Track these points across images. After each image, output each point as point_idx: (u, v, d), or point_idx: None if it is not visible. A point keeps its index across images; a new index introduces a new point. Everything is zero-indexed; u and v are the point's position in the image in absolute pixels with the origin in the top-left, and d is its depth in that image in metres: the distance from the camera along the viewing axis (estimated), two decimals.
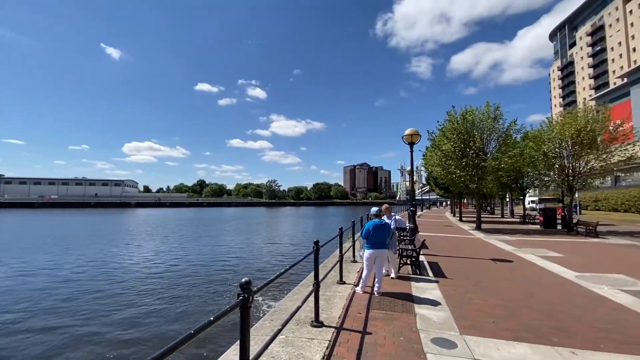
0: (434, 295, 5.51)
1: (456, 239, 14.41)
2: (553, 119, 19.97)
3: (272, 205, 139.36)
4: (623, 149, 17.11)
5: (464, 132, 17.46)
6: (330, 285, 6.05)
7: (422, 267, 7.81)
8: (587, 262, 8.78)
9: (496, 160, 16.87)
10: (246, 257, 17.70)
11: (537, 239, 14.33)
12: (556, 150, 18.13)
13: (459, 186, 19.01)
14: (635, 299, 5.41)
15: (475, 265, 8.44)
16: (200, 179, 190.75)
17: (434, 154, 19.40)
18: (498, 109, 17.41)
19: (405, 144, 10.22)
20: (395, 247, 6.88)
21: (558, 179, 18.61)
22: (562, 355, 3.39)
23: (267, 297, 9.71)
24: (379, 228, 5.45)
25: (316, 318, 4.14)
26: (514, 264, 8.61)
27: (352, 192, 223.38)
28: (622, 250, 11.02)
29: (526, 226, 21.18)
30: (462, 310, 4.82)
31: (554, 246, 11.83)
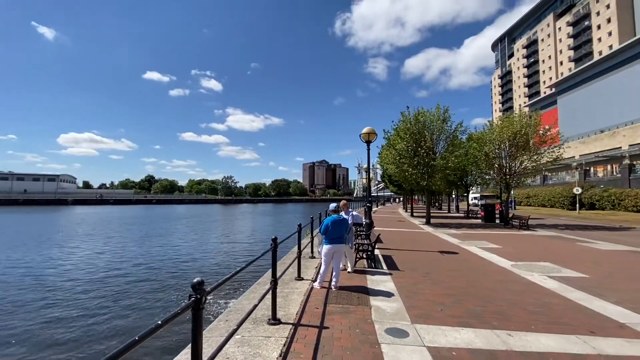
0: (388, 287, 5.74)
1: (408, 233, 15.17)
2: (494, 122, 21.85)
3: (228, 203, 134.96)
4: (550, 151, 19.29)
5: (416, 132, 18.39)
6: (288, 282, 6.01)
7: (377, 260, 8.09)
8: (520, 252, 9.77)
9: (444, 160, 18.04)
10: (200, 257, 16.89)
11: (479, 232, 15.63)
12: (496, 151, 19.88)
13: (411, 183, 20.01)
14: (560, 284, 6.12)
15: (425, 257, 8.95)
16: (148, 174, 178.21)
17: (389, 152, 20.18)
18: (447, 111, 18.60)
19: (363, 142, 10.48)
20: (352, 242, 7.03)
21: (497, 177, 20.44)
22: (500, 338, 3.72)
23: (223, 297, 9.39)
24: (337, 223, 5.53)
25: (273, 316, 4.08)
26: (459, 256, 9.28)
27: (311, 188, 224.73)
28: (549, 241, 12.44)
29: (469, 220, 23.01)
30: (414, 300, 5.08)
31: (493, 238, 12.99)
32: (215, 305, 8.67)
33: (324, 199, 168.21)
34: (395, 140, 19.02)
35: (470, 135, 21.76)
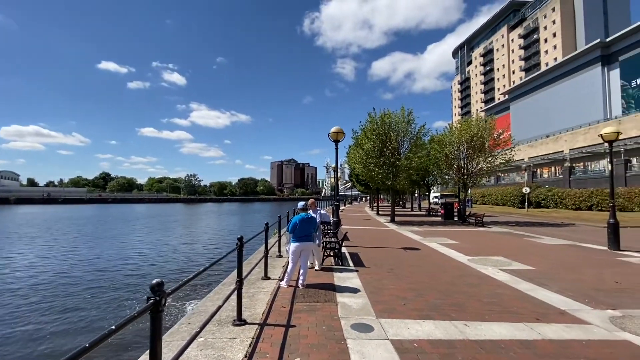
0: (354, 284, 5.84)
1: (374, 231, 15.57)
2: (453, 125, 23.08)
3: (191, 202, 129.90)
4: (503, 153, 20.76)
5: (382, 133, 18.94)
6: (255, 282, 5.91)
7: (344, 258, 8.21)
8: (476, 248, 10.41)
9: (408, 160, 18.75)
10: (159, 259, 16.04)
11: (439, 229, 16.43)
12: (455, 153, 21.02)
13: (377, 182, 20.57)
14: (511, 277, 6.61)
15: (390, 254, 9.24)
16: (104, 172, 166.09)
17: (356, 152, 20.57)
18: (411, 113, 19.34)
19: (331, 141, 10.58)
20: (320, 240, 7.07)
21: (456, 177, 21.63)
22: (458, 328, 3.94)
23: (187, 299, 9.02)
24: (306, 221, 5.53)
25: (238, 316, 3.98)
26: (421, 252, 9.69)
27: (279, 187, 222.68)
28: (501, 237, 13.39)
29: (431, 218, 24.13)
30: (378, 295, 5.22)
31: (452, 235, 13.72)
32: (178, 308, 8.31)
33: (292, 198, 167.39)
34: (363, 140, 19.44)
35: (432, 137, 22.81)
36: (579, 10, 65.02)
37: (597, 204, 28.22)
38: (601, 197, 27.78)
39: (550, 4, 69.04)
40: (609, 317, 4.36)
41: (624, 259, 8.66)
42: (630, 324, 4.15)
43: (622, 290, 5.70)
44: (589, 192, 29.61)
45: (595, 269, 7.46)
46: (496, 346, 3.47)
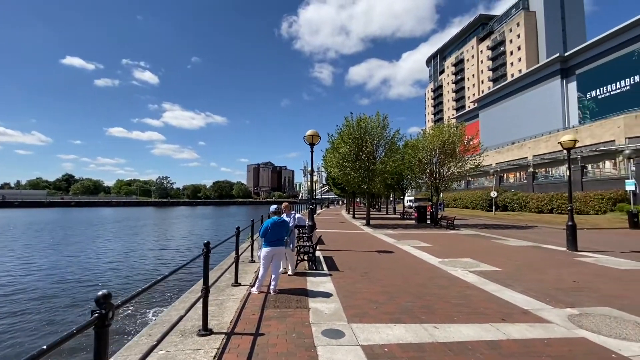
0: (327, 288, 5.78)
1: (349, 234, 15.63)
2: (426, 131, 23.78)
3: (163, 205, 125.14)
4: (473, 159, 21.61)
5: (358, 137, 19.15)
6: (224, 289, 5.69)
7: (318, 262, 8.14)
8: (447, 250, 10.70)
9: (383, 164, 19.05)
10: (122, 266, 15.18)
11: (413, 232, 16.78)
12: (428, 157, 21.62)
13: (353, 186, 20.74)
14: (479, 278, 6.81)
15: (364, 257, 9.27)
16: (67, 173, 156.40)
17: (333, 155, 20.65)
18: (386, 118, 19.70)
19: (306, 144, 10.52)
20: (293, 244, 6.96)
21: (429, 181, 22.24)
22: (428, 331, 3.96)
23: (151, 308, 8.56)
24: (278, 225, 5.41)
25: (204, 326, 3.79)
26: (394, 254, 9.81)
27: (255, 191, 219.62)
28: (470, 239, 13.86)
29: (405, 221, 24.63)
30: (351, 299, 5.18)
31: (424, 238, 14.04)
32: (141, 318, 7.87)
33: (268, 201, 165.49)
34: (339, 144, 19.56)
35: (406, 142, 23.36)
36: (541, 26, 69.53)
37: (557, 207, 30.01)
38: (561, 201, 29.58)
39: (515, 19, 73.31)
40: (568, 316, 4.57)
41: (581, 259, 9.20)
42: (586, 321, 4.36)
43: (579, 289, 6.02)
44: (550, 196, 31.45)
45: (556, 269, 7.85)
46: (464, 348, 3.52)
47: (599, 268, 7.96)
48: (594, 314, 4.65)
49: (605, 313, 4.68)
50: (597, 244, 12.15)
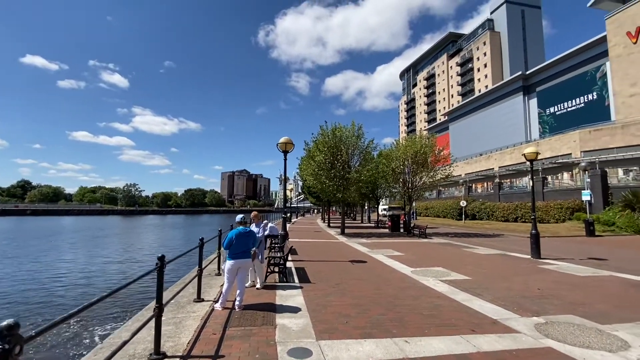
0: (297, 302, 5.52)
1: (323, 244, 15.42)
2: (400, 141, 24.30)
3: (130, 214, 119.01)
4: (443, 169, 22.26)
5: (334, 146, 19.18)
6: (185, 305, 5.28)
7: (290, 273, 7.86)
8: (419, 259, 10.76)
9: (358, 173, 19.17)
10: (70, 282, 13.83)
11: (386, 240, 16.86)
12: (401, 167, 22.03)
13: (329, 195, 20.67)
14: (450, 287, 6.82)
15: (337, 267, 9.09)
16: (23, 179, 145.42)
17: (308, 164, 20.53)
18: (360, 128, 19.92)
19: (280, 151, 10.30)
20: (262, 256, 6.65)
21: (402, 191, 22.61)
22: (398, 345, 3.82)
23: (104, 326, 7.85)
24: (243, 236, 5.11)
25: (156, 349, 3.42)
26: (367, 264, 9.71)
27: (229, 199, 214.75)
28: (442, 248, 14.09)
29: (379, 230, 24.82)
30: (321, 314, 4.96)
31: (397, 246, 14.11)
32: (90, 338, 7.17)
33: (243, 210, 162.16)
34: (315, 152, 19.49)
35: (380, 152, 23.72)
36: (505, 46, 74.26)
37: (521, 216, 31.52)
38: (524, 210, 31.12)
39: (481, 39, 77.84)
40: (534, 325, 4.61)
41: (544, 266, 9.55)
42: (552, 330, 4.41)
43: (544, 297, 6.17)
44: (514, 205, 33.01)
45: (522, 276, 8.06)
46: None
47: (561, 275, 8.27)
48: (558, 322, 4.72)
49: (568, 321, 4.77)
50: (558, 252, 12.74)
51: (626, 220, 19.85)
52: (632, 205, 20.61)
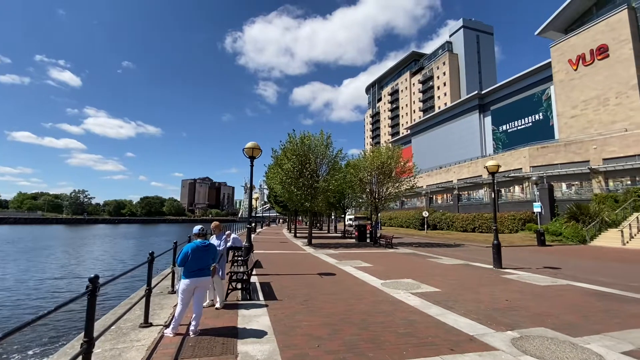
0: (262, 324, 4.95)
1: (289, 255, 14.82)
2: (367, 152, 24.58)
3: (77, 223, 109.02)
4: (408, 180, 22.76)
5: (302, 154, 18.82)
6: (129, 332, 4.49)
7: (254, 290, 7.22)
8: (388, 270, 10.58)
9: (326, 182, 18.92)
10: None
11: (354, 251, 16.65)
12: (368, 178, 22.20)
13: (296, 204, 20.16)
14: (422, 301, 6.61)
15: (305, 281, 8.59)
16: None
17: (276, 172, 19.93)
18: (329, 137, 19.79)
19: (246, 157, 9.70)
20: (224, 272, 5.99)
21: (369, 200, 22.73)
22: None
23: (28, 352, 6.65)
24: (201, 251, 4.48)
25: None
26: (336, 277, 9.31)
27: (190, 208, 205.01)
28: (408, 258, 14.12)
29: (346, 240, 24.65)
30: (289, 337, 4.44)
31: (365, 257, 13.92)
32: None
33: (204, 219, 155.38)
34: (283, 160, 18.97)
35: (348, 162, 23.77)
36: (462, 66, 79.68)
37: (478, 226, 33.18)
38: (481, 221, 32.82)
39: (441, 59, 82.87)
40: (511, 340, 4.46)
41: (507, 276, 9.78)
42: (528, 345, 4.29)
43: (512, 308, 6.15)
44: (472, 216, 34.72)
45: (488, 287, 8.12)
46: None
47: (523, 285, 8.46)
48: (532, 336, 4.63)
49: (541, 334, 4.70)
50: (516, 261, 13.28)
51: (572, 230, 21.52)
52: (577, 217, 22.43)
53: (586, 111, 35.03)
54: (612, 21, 32.76)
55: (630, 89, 31.09)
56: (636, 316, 5.71)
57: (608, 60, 33.02)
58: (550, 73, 40.55)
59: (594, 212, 21.97)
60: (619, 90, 31.96)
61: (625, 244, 18.51)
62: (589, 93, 34.70)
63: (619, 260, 14.11)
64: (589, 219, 21.73)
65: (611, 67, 32.71)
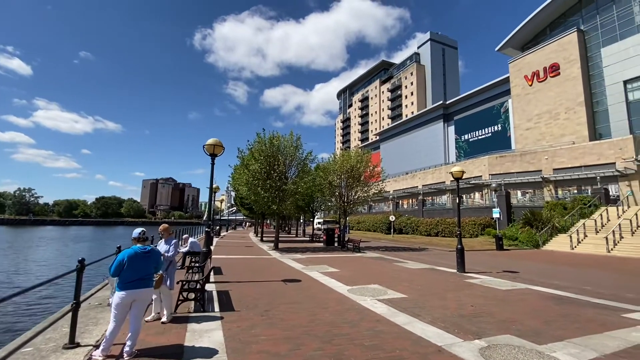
0: (213, 340, 4.39)
1: (254, 260, 14.14)
2: (337, 155, 24.48)
3: (21, 224, 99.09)
4: (376, 184, 22.92)
5: (271, 155, 18.22)
6: (47, 356, 3.74)
7: (209, 299, 6.59)
8: (355, 275, 10.33)
9: (295, 185, 18.45)
10: None
11: (321, 255, 16.30)
12: (337, 181, 22.06)
13: (263, 207, 19.49)
14: (389, 308, 6.36)
15: (267, 289, 8.06)
16: None
17: (242, 173, 19.12)
18: (299, 139, 19.37)
19: (207, 154, 9.00)
20: (172, 281, 5.32)
21: (337, 204, 22.57)
22: None
23: None
24: (140, 258, 3.85)
25: None
26: (302, 284, 8.87)
27: (151, 209, 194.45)
28: (375, 263, 14.01)
29: (314, 244, 24.27)
30: (243, 355, 3.94)
31: (333, 262, 13.61)
32: None
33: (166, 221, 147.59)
34: (250, 160, 18.23)
35: (317, 165, 23.51)
36: (428, 77, 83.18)
37: (441, 230, 34.32)
38: (444, 226, 33.99)
39: (409, 69, 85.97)
40: (479, 350, 4.29)
41: (470, 280, 9.90)
42: (496, 355, 4.13)
43: (478, 314, 6.07)
44: (436, 221, 35.88)
45: (453, 292, 8.09)
46: None
47: (486, 289, 8.54)
48: (499, 344, 4.50)
49: (508, 342, 4.59)
50: (477, 265, 13.63)
51: (526, 235, 22.78)
52: (531, 222, 23.82)
53: (539, 124, 37.72)
54: (563, 42, 35.69)
55: (577, 105, 33.95)
56: (592, 321, 5.84)
57: (559, 77, 35.86)
58: (508, 87, 43.32)
59: (546, 219, 23.45)
60: (568, 106, 34.79)
61: (574, 248, 19.86)
62: (542, 107, 37.44)
63: (569, 264, 14.99)
64: (542, 225, 23.15)
65: (561, 84, 35.55)
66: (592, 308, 6.74)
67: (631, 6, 31.07)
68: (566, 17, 37.22)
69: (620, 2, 32.04)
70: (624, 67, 30.88)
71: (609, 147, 28.22)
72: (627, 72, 30.61)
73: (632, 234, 19.11)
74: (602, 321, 5.80)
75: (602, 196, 25.32)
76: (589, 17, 34.91)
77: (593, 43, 34.23)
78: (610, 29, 32.73)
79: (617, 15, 32.16)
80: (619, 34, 31.83)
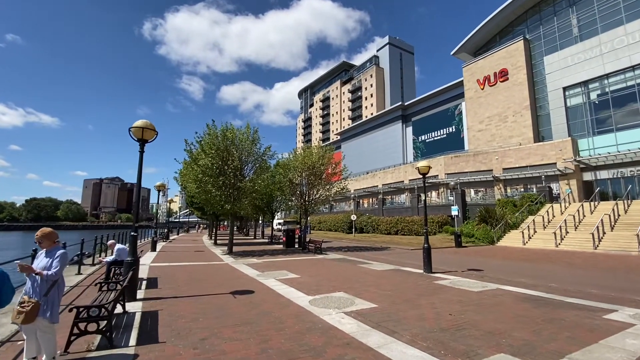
0: None
1: (202, 268, 12.40)
2: (297, 151, 23.27)
3: None
4: (339, 183, 22.11)
5: (224, 149, 16.48)
6: None
7: (127, 326, 4.99)
8: (317, 282, 9.18)
9: (252, 182, 16.90)
10: None
11: (280, 259, 14.95)
12: (298, 179, 20.85)
13: (215, 206, 17.64)
14: (359, 324, 5.29)
15: (211, 306, 6.58)
16: None
17: (190, 169, 17.09)
18: (256, 132, 17.82)
19: (134, 139, 7.27)
20: (56, 309, 3.70)
21: (298, 203, 21.35)
22: None
23: None
24: None
25: None
26: (254, 296, 7.51)
27: (94, 212, 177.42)
28: (339, 265, 13.01)
29: (272, 246, 22.78)
30: None
31: (293, 266, 12.36)
32: None
33: (112, 225, 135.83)
34: (200, 155, 16.29)
35: (277, 162, 22.10)
36: (387, 80, 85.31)
37: (401, 229, 34.66)
38: (404, 224, 34.35)
39: (369, 71, 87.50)
40: None
41: (439, 282, 9.25)
42: None
43: (460, 326, 5.23)
44: (396, 219, 36.20)
45: (426, 297, 7.28)
46: None
47: (458, 292, 7.88)
48: None
49: None
50: (442, 264, 13.26)
51: (482, 232, 23.42)
52: (486, 220, 24.60)
53: (490, 126, 39.81)
54: (511, 49, 37.99)
55: (523, 109, 36.27)
56: (579, 326, 5.28)
57: (507, 82, 38.11)
58: (462, 90, 45.30)
59: (500, 216, 24.38)
60: (515, 109, 37.06)
61: (525, 244, 20.69)
62: (493, 110, 39.55)
63: (525, 259, 15.28)
64: (496, 222, 23.99)
65: (510, 89, 37.81)
66: (570, 310, 6.26)
67: (569, 19, 33.86)
68: (514, 25, 39.72)
69: (560, 15, 34.81)
70: (563, 75, 33.53)
71: (551, 148, 30.34)
72: (566, 80, 33.27)
73: (576, 229, 20.35)
74: (589, 326, 5.26)
75: (547, 194, 27.02)
76: (533, 27, 37.53)
77: (537, 51, 36.84)
78: (551, 39, 35.42)
79: (557, 27, 34.90)
80: (559, 44, 34.55)
